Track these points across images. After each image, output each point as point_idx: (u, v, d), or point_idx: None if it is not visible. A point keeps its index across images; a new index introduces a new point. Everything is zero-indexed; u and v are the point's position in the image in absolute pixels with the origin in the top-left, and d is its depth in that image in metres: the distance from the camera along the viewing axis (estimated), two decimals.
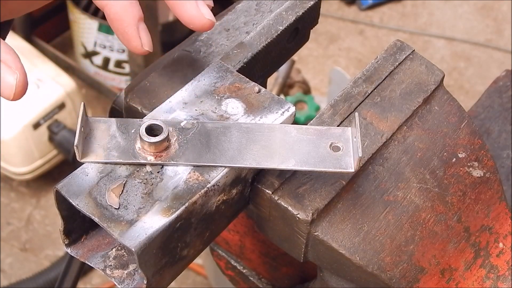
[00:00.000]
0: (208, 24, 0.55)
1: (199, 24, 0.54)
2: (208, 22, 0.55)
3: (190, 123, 0.53)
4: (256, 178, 0.55)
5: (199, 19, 0.54)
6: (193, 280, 1.85)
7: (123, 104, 0.60)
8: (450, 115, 0.62)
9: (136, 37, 0.53)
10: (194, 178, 0.51)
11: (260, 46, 0.64)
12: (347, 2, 2.63)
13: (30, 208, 1.99)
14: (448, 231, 0.58)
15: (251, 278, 0.79)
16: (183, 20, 0.55)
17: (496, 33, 2.54)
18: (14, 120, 1.79)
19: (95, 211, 0.48)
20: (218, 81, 0.57)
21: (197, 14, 0.54)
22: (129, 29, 0.53)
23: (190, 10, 0.54)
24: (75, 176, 0.50)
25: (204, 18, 0.54)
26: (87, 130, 0.52)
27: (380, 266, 0.54)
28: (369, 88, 0.61)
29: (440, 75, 0.63)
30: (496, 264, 0.61)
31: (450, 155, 0.60)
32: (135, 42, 0.53)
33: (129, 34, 0.53)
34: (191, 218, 0.50)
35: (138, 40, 0.53)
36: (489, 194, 0.61)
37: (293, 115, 0.56)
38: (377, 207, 0.56)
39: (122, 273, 0.52)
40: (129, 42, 0.53)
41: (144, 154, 0.51)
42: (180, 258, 0.52)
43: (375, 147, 0.58)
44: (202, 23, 0.54)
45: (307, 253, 0.56)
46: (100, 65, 2.20)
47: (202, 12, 0.54)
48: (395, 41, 0.65)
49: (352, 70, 2.38)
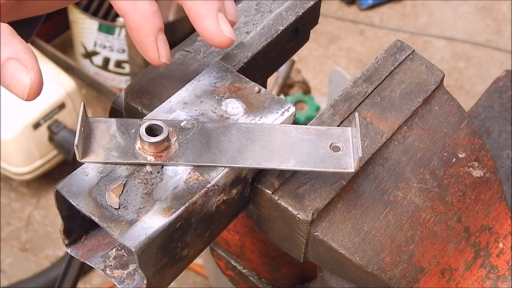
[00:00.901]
0: (227, 42, 0.53)
1: (218, 41, 0.53)
2: (227, 40, 0.53)
3: (190, 123, 0.53)
4: (256, 178, 0.55)
5: (218, 36, 0.53)
6: (193, 280, 1.85)
7: (123, 104, 0.60)
8: (450, 115, 0.62)
9: (154, 48, 0.52)
10: (194, 178, 0.51)
11: (260, 46, 0.64)
12: (347, 2, 2.63)
13: (30, 208, 1.99)
14: (448, 231, 0.58)
15: (251, 278, 0.79)
16: (202, 35, 0.53)
17: (496, 33, 2.54)
18: (14, 120, 1.79)
19: (95, 211, 0.48)
20: (218, 81, 0.57)
21: (216, 30, 0.52)
22: (147, 39, 0.51)
23: (209, 26, 0.52)
24: (75, 176, 0.50)
25: (223, 36, 0.53)
26: (87, 130, 0.52)
27: (380, 266, 0.54)
28: (369, 88, 0.61)
29: (440, 75, 0.63)
30: (496, 264, 0.61)
31: (450, 155, 0.60)
32: (152, 53, 0.52)
33: (147, 44, 0.51)
34: (191, 218, 0.50)
35: (155, 52, 0.52)
36: (489, 194, 0.61)
37: (293, 115, 0.56)
38: (377, 207, 0.56)
39: (122, 273, 0.52)
40: (146, 53, 0.52)
41: (144, 154, 0.51)
42: (180, 258, 0.52)
43: (375, 147, 0.58)
44: (220, 40, 0.53)
45: (307, 253, 0.56)
46: (100, 65, 2.20)
47: (221, 28, 0.52)
48: (395, 41, 0.65)
49: (352, 70, 2.38)
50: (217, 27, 0.52)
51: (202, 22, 0.53)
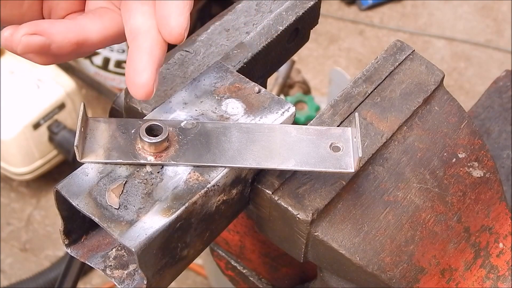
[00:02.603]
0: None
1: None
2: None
3: (190, 123, 0.53)
4: (256, 178, 0.55)
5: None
6: (193, 281, 1.85)
7: (123, 104, 0.60)
8: (450, 115, 0.62)
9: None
10: (194, 178, 0.51)
11: (260, 46, 0.64)
12: (347, 2, 2.62)
13: (30, 209, 1.99)
14: (448, 231, 0.58)
15: (251, 278, 0.79)
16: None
17: (496, 33, 2.54)
18: (14, 120, 1.79)
19: (95, 211, 0.48)
20: (218, 81, 0.57)
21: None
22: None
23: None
24: (75, 176, 0.50)
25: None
26: (87, 130, 0.52)
27: (380, 266, 0.54)
28: (369, 88, 0.61)
29: (440, 75, 0.63)
30: (496, 264, 0.61)
31: (450, 155, 0.60)
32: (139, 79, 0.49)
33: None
34: (191, 218, 0.50)
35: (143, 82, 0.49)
36: (489, 194, 0.61)
37: (293, 115, 0.56)
38: (377, 207, 0.56)
39: (122, 273, 0.52)
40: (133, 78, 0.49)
41: (144, 154, 0.51)
42: (180, 258, 0.52)
43: (375, 147, 0.58)
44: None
45: (307, 253, 0.56)
46: (100, 65, 2.20)
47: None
48: (395, 41, 0.65)
49: (352, 70, 2.38)
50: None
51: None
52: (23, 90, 1.81)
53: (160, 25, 0.49)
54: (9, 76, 1.82)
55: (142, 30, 0.49)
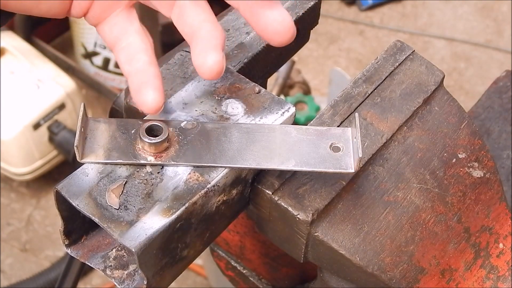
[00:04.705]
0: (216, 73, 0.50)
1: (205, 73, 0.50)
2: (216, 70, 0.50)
3: (190, 124, 0.53)
4: (256, 179, 0.55)
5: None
6: (193, 281, 1.85)
7: (123, 105, 0.60)
8: (450, 115, 0.62)
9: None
10: (194, 179, 0.51)
11: (260, 46, 0.64)
12: (347, 3, 2.62)
13: (30, 209, 1.99)
14: (448, 231, 0.58)
15: (251, 279, 0.79)
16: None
17: (496, 33, 2.54)
18: (14, 120, 1.79)
19: (95, 212, 0.48)
20: (218, 81, 0.57)
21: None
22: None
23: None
24: (75, 177, 0.50)
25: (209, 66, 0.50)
26: (87, 130, 0.52)
27: (380, 267, 0.54)
28: (369, 88, 0.61)
29: (440, 76, 0.63)
30: (496, 264, 0.61)
31: (450, 156, 0.60)
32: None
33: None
34: (191, 219, 0.50)
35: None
36: (489, 194, 0.61)
37: (293, 115, 0.56)
38: (377, 207, 0.56)
39: (122, 274, 0.52)
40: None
41: (144, 154, 0.51)
42: (180, 258, 0.52)
43: (375, 147, 0.58)
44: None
45: (307, 254, 0.56)
46: (100, 65, 2.20)
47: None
48: (395, 42, 0.65)
49: (352, 70, 2.38)
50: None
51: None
52: (23, 90, 1.81)
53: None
54: (9, 76, 1.82)
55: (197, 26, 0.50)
